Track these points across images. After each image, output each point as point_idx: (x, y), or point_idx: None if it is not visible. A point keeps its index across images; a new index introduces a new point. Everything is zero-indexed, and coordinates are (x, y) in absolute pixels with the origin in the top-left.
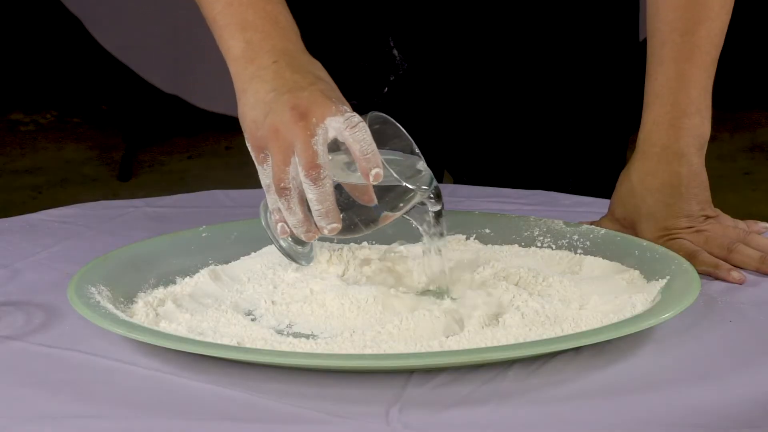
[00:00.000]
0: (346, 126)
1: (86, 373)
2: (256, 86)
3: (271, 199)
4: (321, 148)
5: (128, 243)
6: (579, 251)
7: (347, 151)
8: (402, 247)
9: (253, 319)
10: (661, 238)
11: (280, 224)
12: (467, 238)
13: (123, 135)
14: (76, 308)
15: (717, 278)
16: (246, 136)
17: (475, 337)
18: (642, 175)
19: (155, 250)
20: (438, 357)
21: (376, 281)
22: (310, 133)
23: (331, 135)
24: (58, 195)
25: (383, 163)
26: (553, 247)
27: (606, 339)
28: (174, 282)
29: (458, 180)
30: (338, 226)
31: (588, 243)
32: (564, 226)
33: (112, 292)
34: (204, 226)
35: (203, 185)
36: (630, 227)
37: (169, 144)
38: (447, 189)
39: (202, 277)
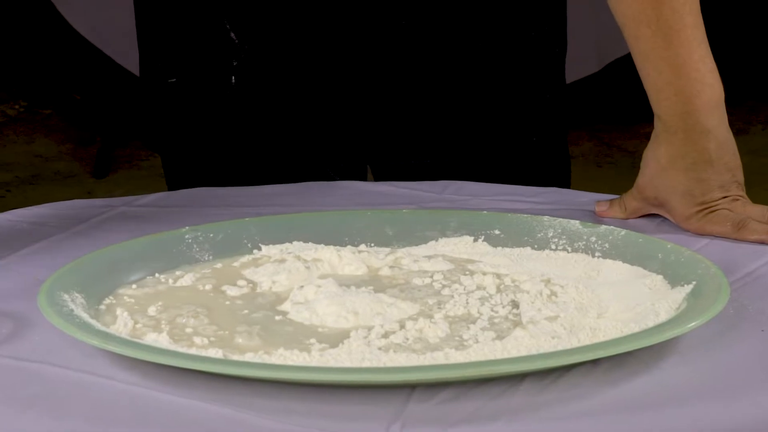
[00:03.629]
0: None
1: (59, 388)
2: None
3: None
4: None
5: (104, 246)
6: (597, 254)
7: None
8: (402, 251)
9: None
10: (699, 212)
11: None
12: (475, 240)
13: (99, 128)
14: (47, 317)
15: None
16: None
17: (483, 349)
18: (671, 157)
19: (134, 253)
20: (442, 370)
21: (375, 287)
22: None
23: None
24: (28, 193)
25: None
26: (569, 249)
27: (626, 350)
28: None
29: (379, 178)
30: None
31: (607, 245)
32: (581, 226)
33: (87, 299)
34: (188, 228)
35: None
36: (660, 206)
37: None
38: (452, 186)
39: (186, 281)
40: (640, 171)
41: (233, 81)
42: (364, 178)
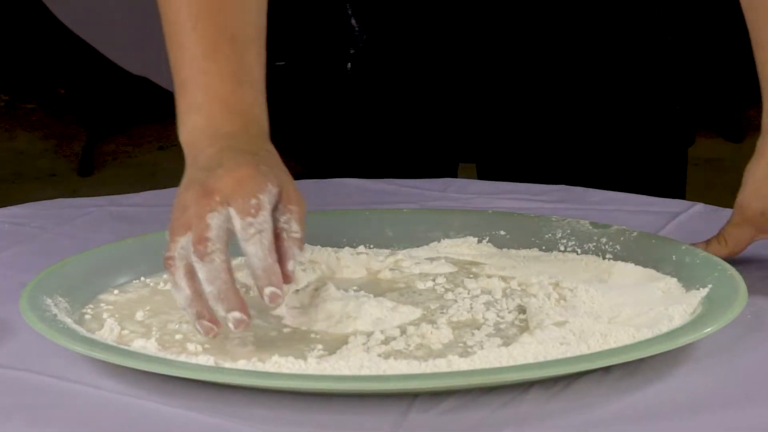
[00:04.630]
0: (244, 235)
1: (41, 397)
2: (189, 173)
3: (180, 295)
4: (216, 223)
5: (90, 247)
6: (608, 256)
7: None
8: (403, 252)
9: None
10: None
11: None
12: (479, 241)
13: (83, 123)
14: (29, 322)
15: None
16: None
17: (488, 356)
18: None
19: (122, 256)
20: (445, 378)
21: (375, 291)
22: (210, 208)
23: (232, 225)
24: (10, 192)
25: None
26: (579, 251)
27: (639, 357)
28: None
29: (484, 175)
30: (242, 316)
31: (618, 247)
32: (591, 227)
33: (72, 304)
34: None
35: (176, 181)
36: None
37: (137, 133)
38: (455, 184)
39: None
40: (741, 188)
41: (349, 68)
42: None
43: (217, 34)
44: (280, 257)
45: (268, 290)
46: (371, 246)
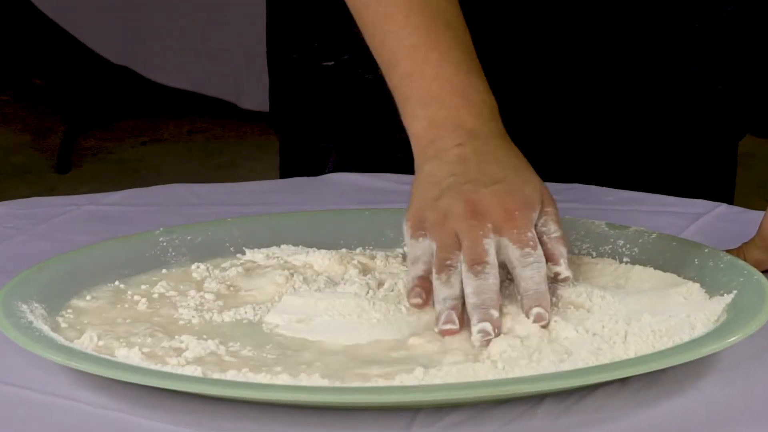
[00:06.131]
0: (522, 262)
1: (16, 411)
2: (434, 165)
3: (417, 269)
4: (492, 251)
5: (68, 249)
6: (625, 260)
7: None
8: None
9: (221, 342)
10: None
11: (417, 289)
12: None
13: (61, 116)
14: (3, 330)
15: None
16: (409, 209)
17: (497, 366)
18: None
19: (102, 258)
20: (451, 390)
21: (374, 295)
22: (483, 233)
23: (501, 258)
24: None
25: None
26: (594, 254)
27: (658, 368)
28: None
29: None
30: (490, 330)
31: (636, 249)
32: (607, 228)
33: (48, 310)
34: (161, 229)
35: (161, 178)
36: None
37: (118, 127)
38: None
39: (160, 290)
40: (765, 214)
41: None
42: None
43: (432, 21)
44: (549, 258)
45: (534, 311)
46: (370, 248)
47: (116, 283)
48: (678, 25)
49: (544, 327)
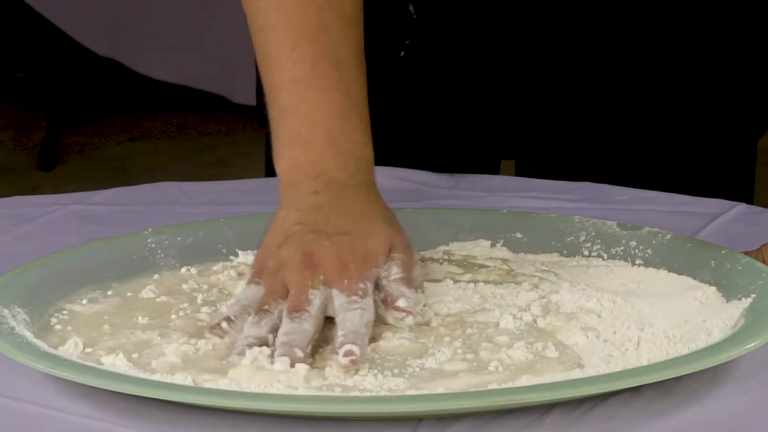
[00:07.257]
0: (347, 307)
1: None
2: (288, 212)
3: (233, 309)
4: (317, 302)
5: (52, 251)
6: (638, 262)
7: None
8: None
9: (213, 348)
10: None
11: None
12: (493, 245)
13: (45, 111)
14: None
15: None
16: (257, 253)
17: (503, 374)
18: None
19: (87, 260)
20: (454, 400)
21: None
22: (311, 284)
23: (329, 311)
24: None
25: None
26: (605, 256)
27: (673, 376)
28: None
29: (522, 172)
30: (295, 356)
31: (650, 251)
32: (619, 229)
33: (31, 315)
34: (150, 230)
35: (149, 176)
36: None
37: (104, 123)
38: (465, 180)
39: (148, 294)
40: None
41: (402, 55)
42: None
43: (320, 57)
44: (386, 300)
45: (346, 347)
46: None
47: (103, 286)
48: (691, 19)
49: (353, 367)
